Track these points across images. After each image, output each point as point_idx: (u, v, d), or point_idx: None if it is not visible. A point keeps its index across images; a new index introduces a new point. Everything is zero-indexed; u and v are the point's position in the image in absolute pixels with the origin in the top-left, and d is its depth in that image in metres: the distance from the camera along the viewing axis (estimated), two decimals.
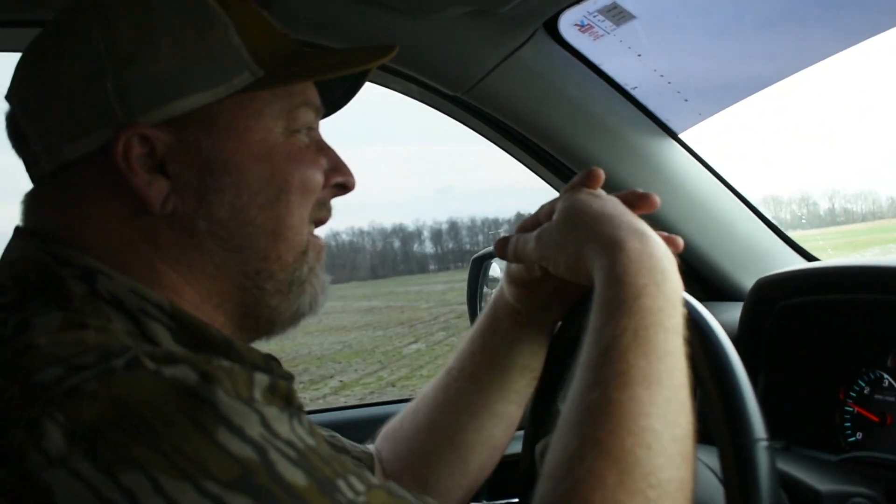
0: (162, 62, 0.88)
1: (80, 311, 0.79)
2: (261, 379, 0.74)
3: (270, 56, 0.94)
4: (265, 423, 0.70)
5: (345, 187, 1.03)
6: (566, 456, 0.79)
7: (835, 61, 1.73)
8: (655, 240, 0.95)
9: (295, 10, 1.66)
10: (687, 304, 0.94)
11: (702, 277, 2.05)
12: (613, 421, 0.79)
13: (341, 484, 0.72)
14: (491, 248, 2.47)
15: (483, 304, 2.34)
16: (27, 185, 0.97)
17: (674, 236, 1.02)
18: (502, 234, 1.16)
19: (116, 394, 0.67)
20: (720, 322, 0.95)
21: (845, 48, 1.67)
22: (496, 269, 2.41)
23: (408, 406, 1.27)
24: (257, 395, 0.72)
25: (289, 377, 0.82)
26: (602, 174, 1.08)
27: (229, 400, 0.69)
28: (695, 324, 0.93)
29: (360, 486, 0.73)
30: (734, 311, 1.70)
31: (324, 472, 0.71)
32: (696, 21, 1.86)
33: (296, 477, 0.69)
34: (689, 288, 1.85)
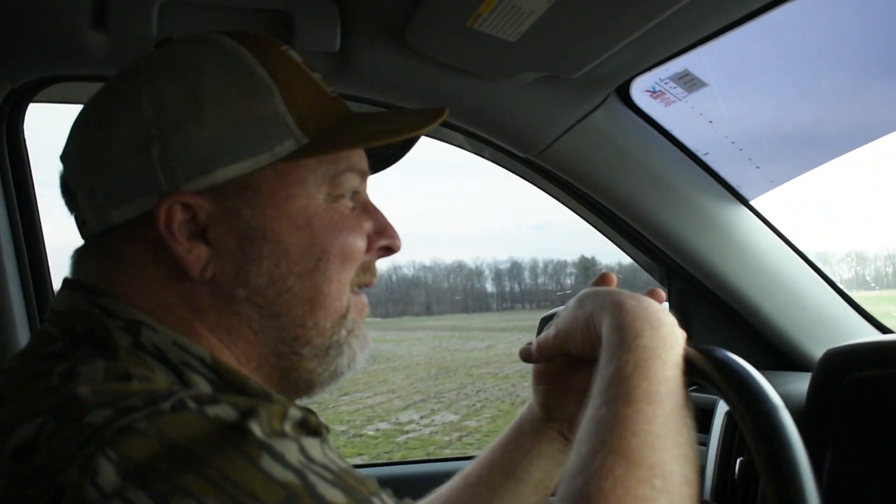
0: (206, 130, 0.89)
1: (125, 362, 0.82)
2: (293, 414, 0.77)
3: (316, 122, 0.95)
4: (302, 449, 0.74)
5: (390, 250, 1.04)
6: (579, 460, 0.86)
7: None
8: (651, 301, 1.03)
9: (373, 72, 1.71)
10: (745, 372, 0.96)
11: (772, 346, 2.03)
12: (620, 427, 0.86)
13: (375, 500, 0.76)
14: (558, 308, 2.47)
15: None
16: None
17: (657, 289, 1.12)
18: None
19: (165, 432, 0.70)
20: (788, 392, 0.96)
21: None
22: None
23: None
24: (287, 427, 0.76)
25: (324, 427, 0.86)
26: (614, 278, 1.18)
27: (268, 431, 0.73)
28: (752, 392, 0.94)
29: (390, 502, 0.77)
30: (804, 382, 1.67)
31: (359, 490, 0.75)
32: (768, 90, 1.86)
33: (335, 496, 0.72)
34: (760, 356, 1.83)
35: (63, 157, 0.97)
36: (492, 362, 24.04)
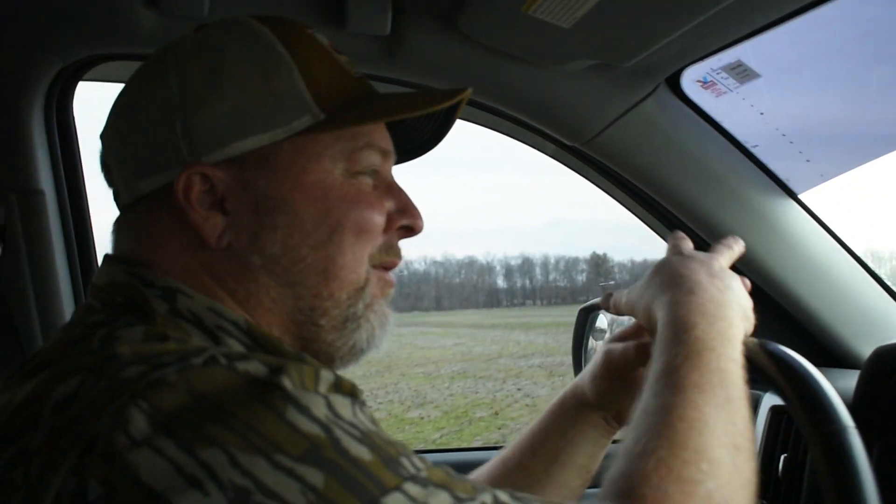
0: (226, 105, 0.93)
1: (162, 327, 0.85)
2: (326, 375, 0.78)
3: (335, 99, 0.97)
4: (330, 406, 0.75)
5: (412, 230, 1.05)
6: (624, 446, 0.86)
7: None
8: (714, 291, 1.04)
9: (423, 56, 1.71)
10: (792, 360, 0.96)
11: (818, 343, 2.00)
12: (667, 413, 0.87)
13: (404, 461, 0.76)
14: (597, 300, 2.46)
15: (588, 356, 2.33)
16: None
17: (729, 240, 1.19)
18: (612, 283, 1.20)
19: (194, 385, 0.72)
20: (836, 389, 0.96)
21: None
22: (602, 320, 2.38)
23: None
24: (322, 388, 0.77)
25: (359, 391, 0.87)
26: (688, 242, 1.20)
27: (297, 386, 0.74)
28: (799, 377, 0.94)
29: (420, 464, 0.77)
30: (850, 379, 1.65)
31: (387, 450, 0.75)
32: (821, 83, 1.84)
33: (360, 452, 0.73)
34: (805, 352, 1.81)
35: (102, 136, 1.02)
36: (439, 361, 23.58)
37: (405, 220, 1.03)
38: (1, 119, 1.77)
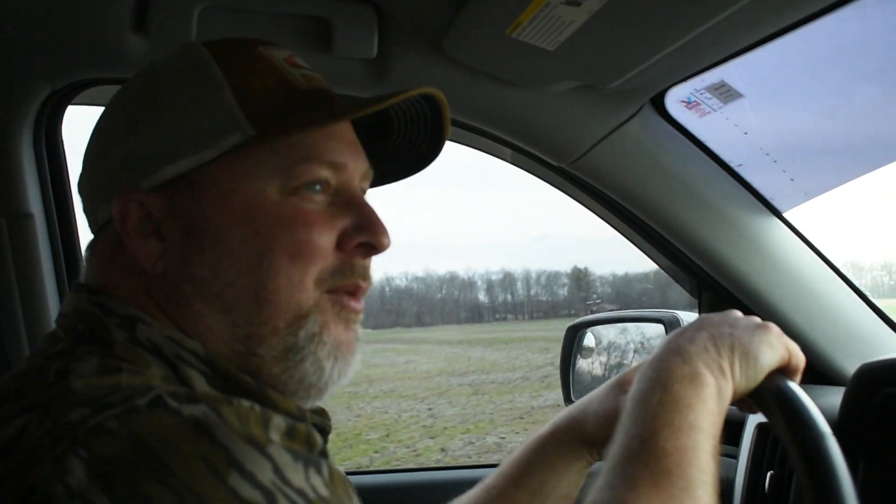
0: (159, 130, 0.93)
1: (119, 357, 0.84)
2: (278, 422, 0.76)
3: (274, 114, 0.94)
4: (277, 469, 0.72)
5: (373, 248, 0.98)
6: None
7: None
8: (678, 344, 0.97)
9: (409, 79, 1.72)
10: (787, 390, 0.97)
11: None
12: None
13: None
14: (585, 318, 2.47)
15: (576, 374, 2.34)
16: None
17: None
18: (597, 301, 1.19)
19: (136, 431, 0.70)
20: (821, 407, 0.97)
21: None
22: (590, 338, 2.39)
23: None
24: (274, 437, 0.74)
25: (323, 428, 0.87)
26: None
27: (243, 443, 0.71)
28: (795, 413, 0.94)
29: None
30: (836, 397, 1.66)
31: None
32: (804, 103, 1.86)
33: None
34: None
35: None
36: (376, 380, 23.11)
37: (363, 237, 0.96)
38: None
